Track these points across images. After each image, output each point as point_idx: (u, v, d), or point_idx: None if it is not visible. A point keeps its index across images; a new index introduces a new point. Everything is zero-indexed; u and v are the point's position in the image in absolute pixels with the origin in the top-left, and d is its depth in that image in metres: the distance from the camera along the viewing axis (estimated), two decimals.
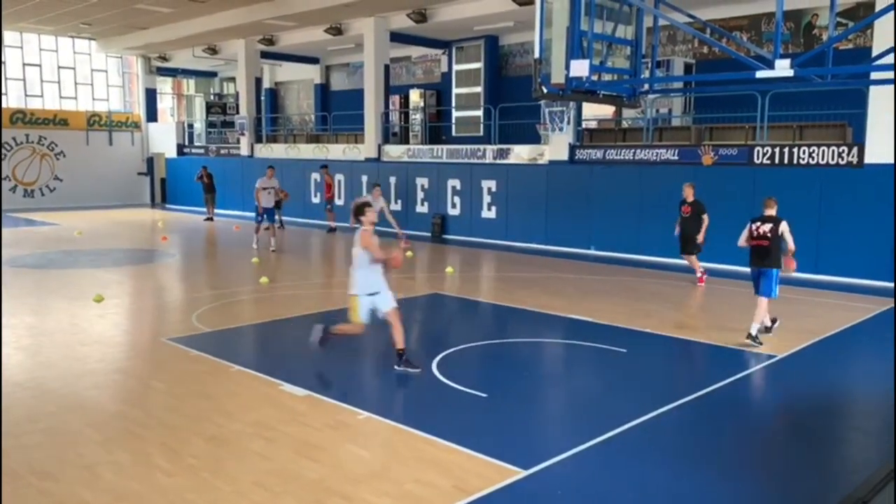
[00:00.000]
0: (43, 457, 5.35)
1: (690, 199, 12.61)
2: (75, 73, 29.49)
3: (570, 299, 11.49)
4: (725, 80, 10.27)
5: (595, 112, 17.98)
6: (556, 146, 17.48)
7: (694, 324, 10.02)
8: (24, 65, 28.01)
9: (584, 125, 17.83)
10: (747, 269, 9.12)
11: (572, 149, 17.24)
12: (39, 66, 28.46)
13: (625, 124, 17.82)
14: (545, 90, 7.26)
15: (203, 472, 5.13)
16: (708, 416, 6.50)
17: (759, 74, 6.53)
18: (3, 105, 27.37)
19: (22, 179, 27.83)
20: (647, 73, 9.62)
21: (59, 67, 29.02)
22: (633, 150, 16.13)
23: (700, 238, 12.46)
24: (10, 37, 27.22)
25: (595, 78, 7.64)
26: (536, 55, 7.27)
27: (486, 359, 8.39)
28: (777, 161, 14.00)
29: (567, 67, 7.12)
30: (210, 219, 23.24)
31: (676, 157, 15.39)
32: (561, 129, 17.14)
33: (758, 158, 14.23)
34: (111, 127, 29.66)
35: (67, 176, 28.63)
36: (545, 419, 6.61)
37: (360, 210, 7.38)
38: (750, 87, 13.23)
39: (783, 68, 6.29)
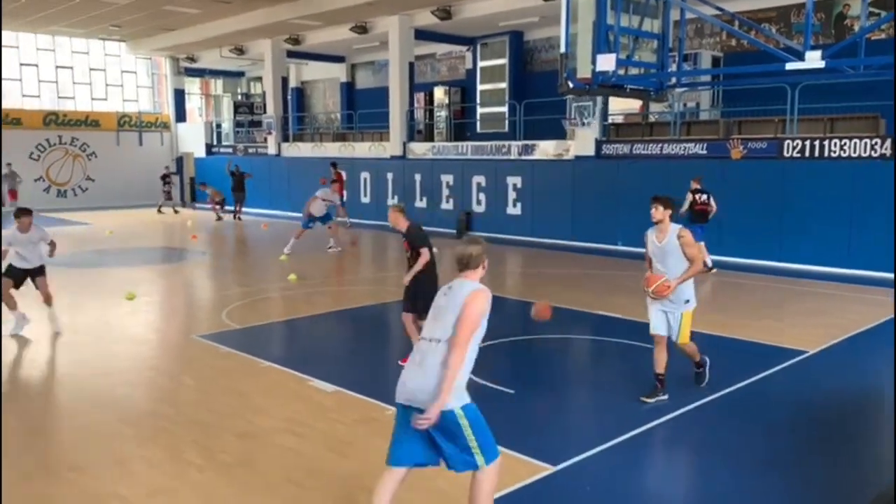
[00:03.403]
0: (78, 452, 5.46)
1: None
2: (106, 74, 29.94)
3: (597, 295, 11.44)
4: (755, 73, 10.16)
5: (621, 106, 17.86)
6: (582, 141, 17.39)
7: (724, 319, 9.90)
8: (56, 67, 28.51)
9: (610, 120, 17.71)
10: (780, 264, 9.00)
11: (598, 144, 17.13)
12: (71, 68, 28.95)
13: (652, 118, 17.68)
14: (571, 85, 7.25)
15: (234, 468, 5.20)
16: (739, 412, 6.43)
17: (790, 66, 6.46)
18: (36, 107, 27.91)
19: (55, 180, 28.34)
20: (674, 67, 9.54)
21: (91, 69, 29.49)
22: (660, 145, 15.99)
23: None
24: (43, 40, 27.72)
25: (622, 72, 7.61)
26: (563, 50, 7.27)
27: (513, 355, 8.39)
28: (808, 154, 13.79)
29: (593, 62, 7.11)
30: (238, 217, 23.42)
31: (705, 152, 15.23)
32: (587, 124, 17.04)
33: (788, 152, 14.03)
34: (141, 127, 30.08)
35: (99, 176, 29.09)
36: (573, 415, 6.60)
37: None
38: (780, 80, 13.03)
39: (814, 60, 6.22)
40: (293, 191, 23.81)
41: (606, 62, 7.05)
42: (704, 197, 13.00)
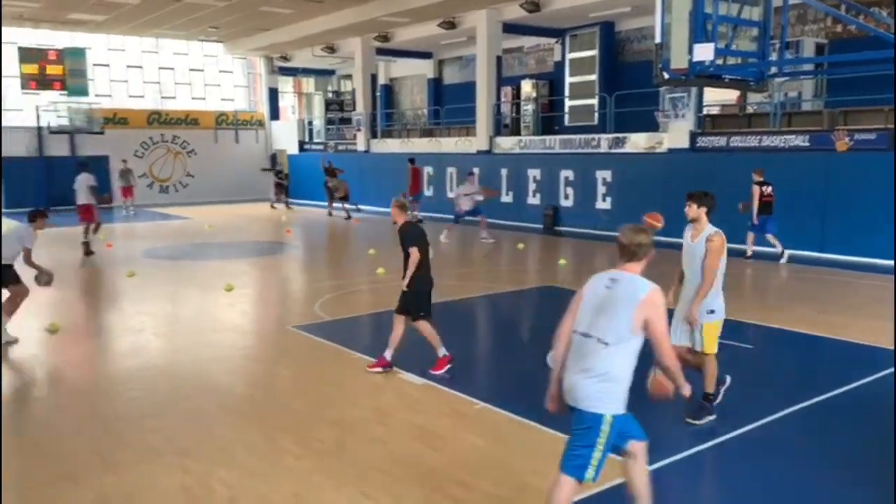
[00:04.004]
0: (181, 436, 5.72)
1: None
2: (205, 75, 31.24)
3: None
4: (863, 60, 9.59)
5: (717, 97, 17.24)
6: (675, 133, 16.90)
7: (826, 319, 9.42)
8: (159, 68, 29.94)
9: (705, 111, 17.13)
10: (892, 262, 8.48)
11: (693, 136, 16.60)
12: (173, 69, 30.34)
13: (750, 109, 16.98)
14: (666, 76, 7.05)
15: (328, 456, 5.33)
16: (838, 417, 6.10)
17: None
18: (140, 107, 29.39)
19: (158, 176, 29.80)
20: (775, 56, 9.13)
21: (191, 70, 30.83)
22: (759, 137, 15.35)
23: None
24: (147, 43, 29.17)
25: (720, 62, 7.34)
26: (657, 40, 7.08)
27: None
28: None
29: (690, 52, 6.89)
30: (348, 217, 22.87)
31: (807, 144, 14.51)
32: (682, 116, 16.53)
33: None
34: (237, 125, 31.23)
35: (198, 172, 30.40)
36: (663, 417, 6.42)
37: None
38: (890, 67, 12.25)
39: None
40: (381, 186, 24.18)
41: (704, 52, 6.81)
42: (769, 189, 13.27)
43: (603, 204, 18.43)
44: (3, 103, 23.85)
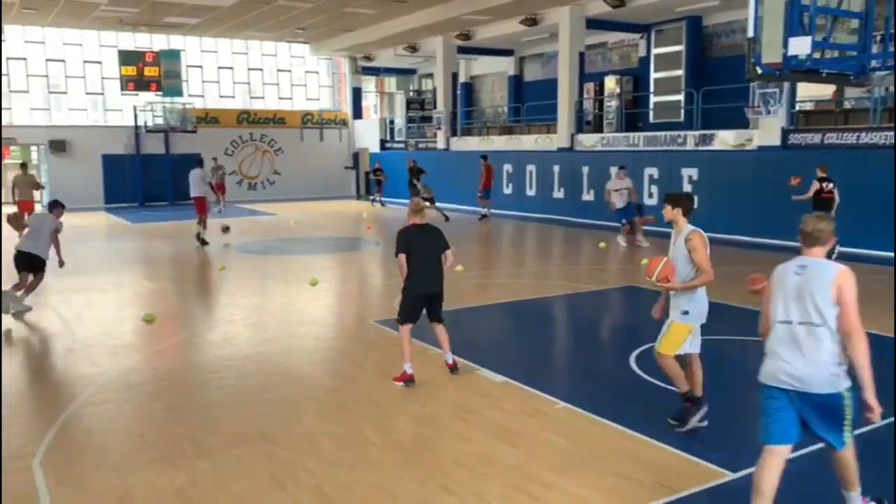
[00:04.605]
0: (270, 424, 5.92)
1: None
2: (291, 75, 32.12)
3: None
4: None
5: (811, 92, 16.51)
6: (766, 130, 16.29)
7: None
8: (248, 69, 30.96)
9: (797, 107, 16.44)
10: None
11: (785, 133, 15.96)
12: (261, 70, 31.32)
13: (847, 105, 16.19)
14: (759, 71, 6.81)
15: (409, 449, 5.42)
16: None
17: None
18: (231, 107, 30.44)
19: (247, 174, 30.82)
20: (877, 48, 8.68)
21: (278, 70, 31.75)
22: (856, 134, 14.62)
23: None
24: (238, 44, 30.22)
25: (817, 55, 7.05)
26: (750, 34, 6.85)
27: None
28: None
29: (785, 45, 6.63)
30: (446, 219, 22.59)
31: None
32: (773, 112, 15.90)
33: None
34: (322, 125, 31.97)
35: (284, 170, 31.29)
36: (754, 420, 6.21)
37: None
38: None
39: None
40: (460, 184, 24.27)
41: (800, 45, 6.54)
42: (830, 186, 13.01)
43: None
44: (2, 100, 23.83)
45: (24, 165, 19.22)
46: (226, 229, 17.52)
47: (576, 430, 5.79)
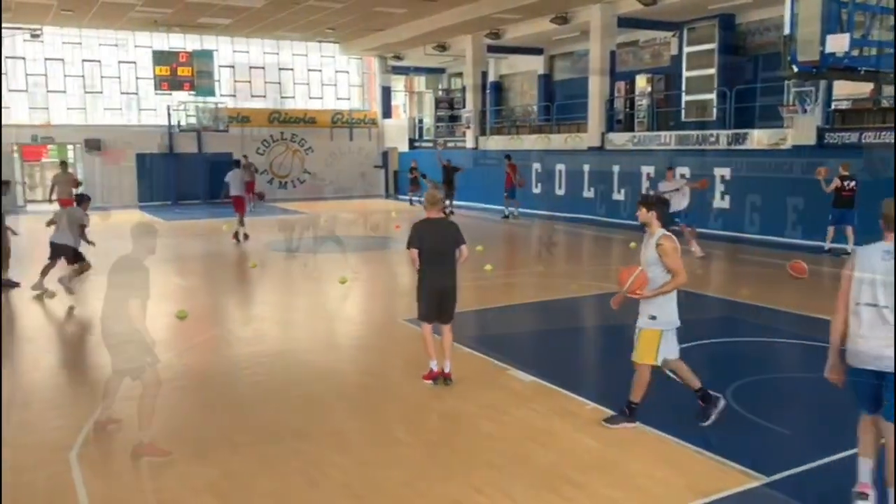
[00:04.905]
0: (299, 419, 5.97)
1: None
2: (322, 75, 32.33)
3: (820, 297, 10.49)
4: None
5: (848, 91, 16.19)
6: (801, 129, 16.01)
7: None
8: (279, 69, 31.23)
9: (834, 106, 16.14)
10: None
11: (821, 132, 15.68)
12: (292, 70, 31.57)
13: (885, 103, 15.85)
14: (795, 69, 6.71)
15: (438, 447, 5.43)
16: None
17: None
18: (262, 106, 30.73)
19: (278, 172, 31.10)
20: None
21: (309, 70, 31.98)
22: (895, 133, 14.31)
23: None
24: (269, 44, 30.49)
25: (855, 53, 6.92)
26: (786, 32, 6.74)
27: (718, 358, 7.94)
28: None
29: (822, 43, 6.52)
30: (450, 211, 22.78)
31: None
32: (808, 111, 15.63)
33: None
34: (352, 124, 32.13)
35: (314, 169, 31.50)
36: (789, 425, 6.12)
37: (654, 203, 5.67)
38: None
39: None
40: (489, 184, 24.22)
41: (838, 43, 6.43)
42: (853, 184, 13.32)
43: (721, 202, 17.70)
44: (2, 99, 24.18)
45: (63, 164, 19.58)
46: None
47: (606, 431, 5.74)
